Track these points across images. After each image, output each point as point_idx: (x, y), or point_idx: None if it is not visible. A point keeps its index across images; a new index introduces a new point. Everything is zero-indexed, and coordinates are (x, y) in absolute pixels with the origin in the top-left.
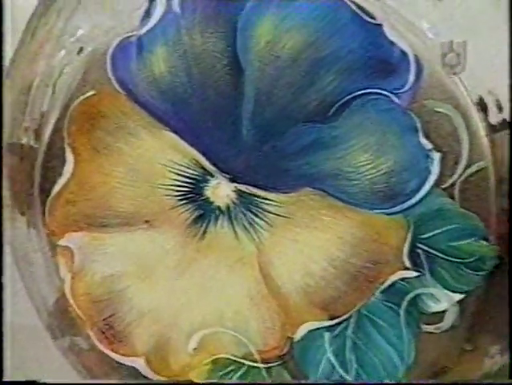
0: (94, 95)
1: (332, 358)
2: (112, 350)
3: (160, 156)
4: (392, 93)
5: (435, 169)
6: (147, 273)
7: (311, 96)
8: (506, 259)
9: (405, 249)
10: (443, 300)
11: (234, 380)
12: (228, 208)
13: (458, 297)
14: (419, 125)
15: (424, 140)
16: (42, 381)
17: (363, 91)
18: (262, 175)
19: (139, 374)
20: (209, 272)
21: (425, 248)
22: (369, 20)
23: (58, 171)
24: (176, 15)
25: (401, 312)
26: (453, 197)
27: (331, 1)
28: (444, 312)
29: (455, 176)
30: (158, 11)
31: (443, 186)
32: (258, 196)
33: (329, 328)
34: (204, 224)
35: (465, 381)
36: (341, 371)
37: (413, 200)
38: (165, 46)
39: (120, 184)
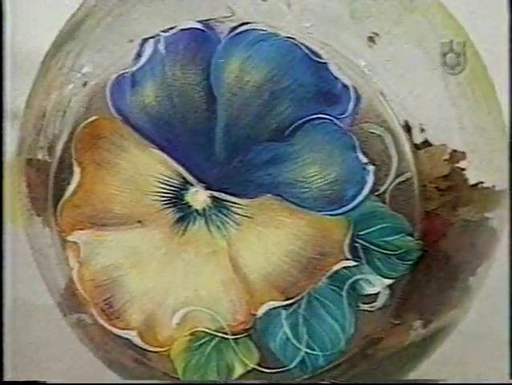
0: (96, 119)
1: (288, 331)
2: (111, 325)
3: (149, 168)
4: (335, 118)
5: (370, 179)
6: (139, 263)
7: (271, 120)
8: (429, 252)
9: (346, 244)
10: (376, 284)
11: (209, 349)
12: (204, 210)
13: (389, 282)
14: (357, 143)
15: (361, 156)
16: (41, 381)
17: (312, 116)
18: (231, 184)
19: (133, 344)
20: (189, 262)
21: (363, 242)
22: (317, 59)
23: (67, 181)
24: (162, 55)
25: (343, 294)
26: (384, 202)
27: (286, 44)
28: (377, 294)
29: (386, 185)
30: (147, 52)
31: (376, 193)
32: (229, 201)
33: (285, 307)
34: (184, 224)
35: (464, 381)
36: (295, 342)
37: (353, 204)
38: (153, 80)
39: (117, 192)
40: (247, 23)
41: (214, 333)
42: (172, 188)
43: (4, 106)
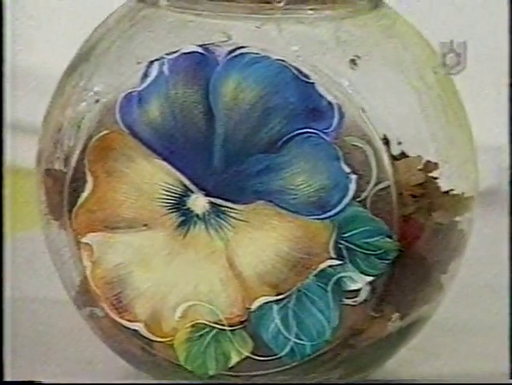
0: (107, 133)
1: (279, 323)
2: (120, 318)
3: (154, 177)
4: (321, 132)
5: (352, 187)
6: (145, 262)
7: (264, 134)
8: (405, 252)
9: (331, 244)
10: (358, 281)
11: (208, 339)
12: (204, 215)
13: (369, 279)
14: (340, 155)
15: (344, 166)
16: (42, 381)
17: (300, 131)
18: (228, 191)
19: (140, 335)
20: (190, 261)
21: (346, 243)
22: (305, 79)
23: (81, 188)
24: (166, 76)
25: (329, 290)
26: (365, 207)
27: (277, 66)
28: (359, 290)
29: (367, 192)
30: (153, 73)
31: (358, 199)
32: (226, 207)
33: (277, 301)
34: (186, 227)
35: (464, 381)
36: (285, 332)
37: (337, 209)
38: (158, 98)
39: (126, 198)
40: (242, 47)
41: (213, 325)
42: (174, 195)
43: (4, 117)
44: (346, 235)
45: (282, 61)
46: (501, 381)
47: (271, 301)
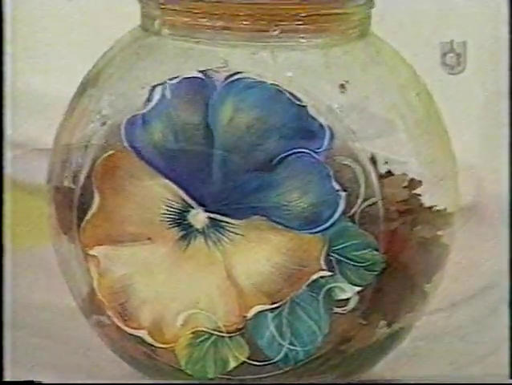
0: (112, 153)
1: (273, 330)
2: (125, 325)
3: (157, 194)
4: (313, 152)
5: (342, 203)
6: (149, 273)
7: (259, 154)
8: (391, 263)
9: (322, 257)
10: (348, 291)
11: (207, 345)
12: (203, 229)
13: (358, 289)
14: (331, 173)
15: (334, 183)
16: (41, 381)
17: (294, 150)
18: (226, 206)
19: (143, 341)
20: (191, 272)
21: (336, 256)
22: (298, 103)
23: (88, 205)
24: (168, 99)
25: (320, 299)
26: (354, 222)
27: (272, 90)
28: (348, 299)
29: (355, 208)
30: (156, 97)
31: (347, 214)
32: (224, 222)
33: (271, 310)
34: (187, 241)
35: (464, 381)
36: (279, 339)
37: (328, 224)
38: (160, 120)
39: (130, 214)
40: (239, 73)
41: (212, 332)
42: (176, 211)
43: (4, 136)
44: (336, 248)
45: (277, 85)
46: (501, 381)
47: (266, 310)
